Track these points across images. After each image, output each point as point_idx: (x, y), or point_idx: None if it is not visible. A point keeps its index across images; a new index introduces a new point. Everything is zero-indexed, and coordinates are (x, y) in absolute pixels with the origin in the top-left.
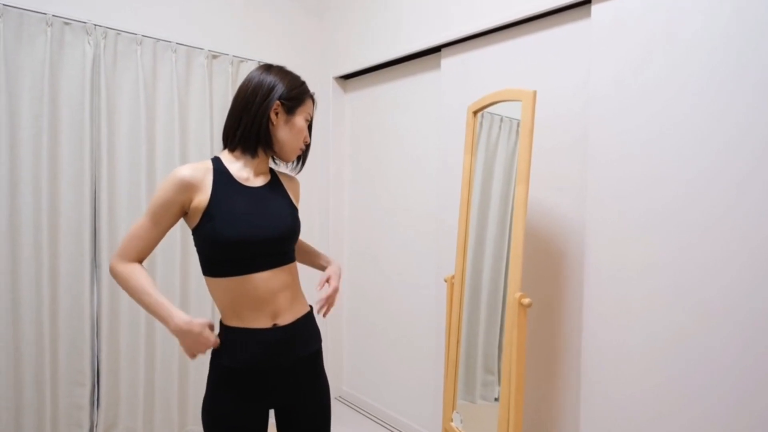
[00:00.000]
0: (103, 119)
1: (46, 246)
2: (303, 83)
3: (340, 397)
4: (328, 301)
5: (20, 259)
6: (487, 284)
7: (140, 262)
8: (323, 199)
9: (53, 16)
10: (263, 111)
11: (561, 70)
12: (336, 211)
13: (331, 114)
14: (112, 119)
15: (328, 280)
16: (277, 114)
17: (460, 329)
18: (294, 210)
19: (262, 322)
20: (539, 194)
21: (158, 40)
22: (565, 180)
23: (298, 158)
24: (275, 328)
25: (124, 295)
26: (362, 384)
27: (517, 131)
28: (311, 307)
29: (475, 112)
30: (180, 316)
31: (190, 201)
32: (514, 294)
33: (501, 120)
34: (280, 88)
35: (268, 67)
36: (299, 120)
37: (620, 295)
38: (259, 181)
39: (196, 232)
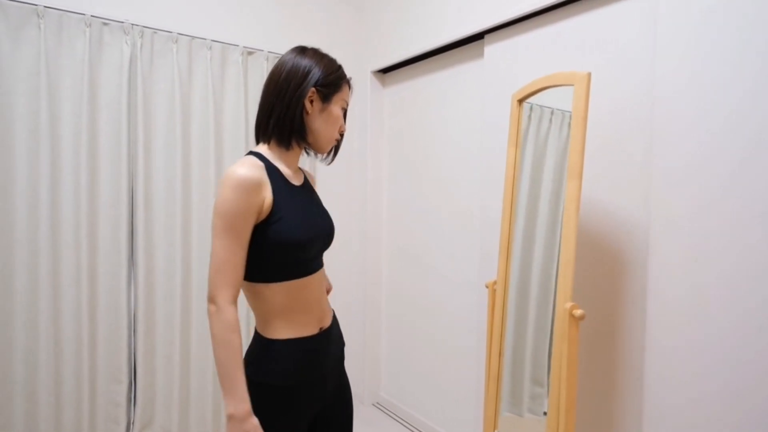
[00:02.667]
0: (139, 118)
1: (85, 244)
2: (339, 67)
3: (377, 403)
4: None
5: (60, 258)
6: (536, 290)
7: (237, 297)
8: (361, 198)
9: (92, 16)
10: (297, 99)
11: (619, 52)
12: (374, 210)
13: (369, 110)
14: (149, 117)
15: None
16: (312, 102)
17: (502, 340)
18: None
19: (311, 328)
20: (595, 189)
21: (193, 37)
22: (625, 175)
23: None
24: (321, 333)
25: (159, 294)
26: (400, 390)
27: (569, 123)
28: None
29: (520, 101)
30: (246, 406)
31: (263, 201)
32: (565, 304)
33: (552, 113)
34: (315, 73)
35: (302, 50)
36: (335, 108)
37: (693, 304)
38: (298, 179)
39: (254, 235)
